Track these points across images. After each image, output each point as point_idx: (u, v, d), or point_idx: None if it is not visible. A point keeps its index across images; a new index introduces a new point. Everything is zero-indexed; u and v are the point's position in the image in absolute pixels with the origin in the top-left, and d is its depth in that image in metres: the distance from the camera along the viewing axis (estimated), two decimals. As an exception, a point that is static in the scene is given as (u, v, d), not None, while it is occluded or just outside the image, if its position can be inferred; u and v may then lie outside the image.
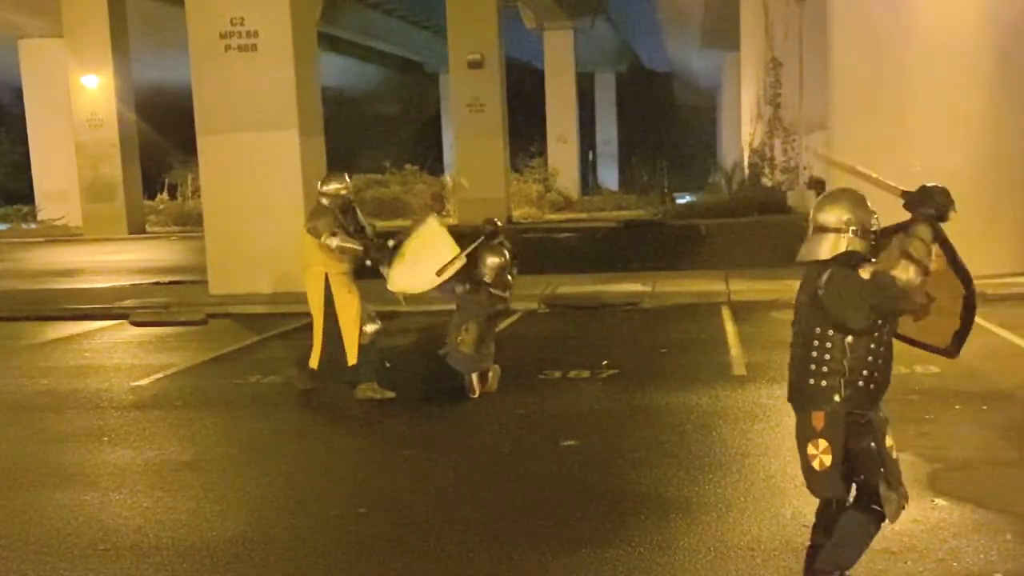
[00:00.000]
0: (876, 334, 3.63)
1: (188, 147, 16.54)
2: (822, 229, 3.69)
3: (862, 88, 12.11)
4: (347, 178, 7.57)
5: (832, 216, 3.68)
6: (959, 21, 11.65)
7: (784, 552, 4.23)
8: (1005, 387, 6.91)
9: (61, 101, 28.55)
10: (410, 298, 7.46)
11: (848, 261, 3.61)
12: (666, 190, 33.34)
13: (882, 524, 3.73)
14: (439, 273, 6.98)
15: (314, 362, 7.39)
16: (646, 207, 31.25)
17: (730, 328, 9.84)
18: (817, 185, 23.88)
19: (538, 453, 5.89)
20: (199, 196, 19.71)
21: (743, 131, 34.01)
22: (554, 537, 4.51)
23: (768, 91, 28.77)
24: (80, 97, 27.72)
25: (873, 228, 3.67)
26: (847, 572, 3.77)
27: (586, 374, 7.96)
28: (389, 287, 7.24)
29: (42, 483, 5.71)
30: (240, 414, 7.23)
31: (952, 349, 3.99)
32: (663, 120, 54.03)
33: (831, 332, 3.61)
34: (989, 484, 5.09)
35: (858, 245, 3.62)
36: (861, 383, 3.64)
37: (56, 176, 30.62)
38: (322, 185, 7.45)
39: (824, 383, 3.64)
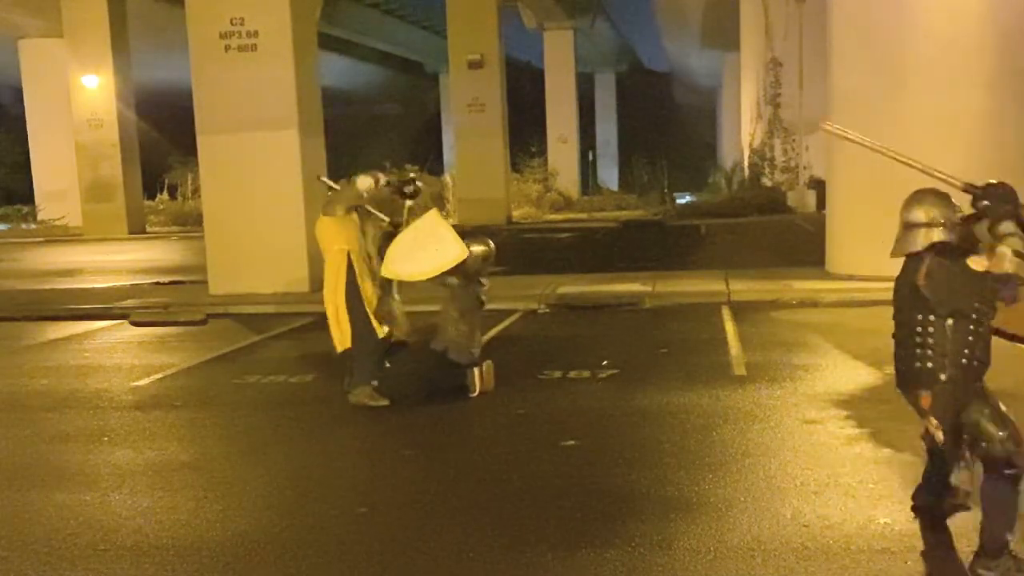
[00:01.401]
0: (975, 316, 4.01)
1: (188, 147, 16.55)
2: (913, 225, 4.01)
3: (862, 88, 12.10)
4: (380, 176, 7.64)
5: (921, 213, 4.02)
6: (959, 21, 11.64)
7: (784, 552, 4.23)
8: (1005, 387, 6.89)
9: (61, 101, 28.59)
10: (402, 286, 7.36)
11: (943, 251, 3.92)
12: (666, 190, 33.36)
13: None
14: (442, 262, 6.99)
15: (349, 340, 7.13)
16: (646, 207, 31.28)
17: (730, 328, 9.84)
18: (817, 185, 23.95)
19: (538, 453, 5.89)
20: (199, 196, 19.73)
21: (743, 131, 34.01)
22: (554, 537, 4.51)
23: (768, 91, 28.77)
24: (80, 97, 27.75)
25: (957, 221, 3.98)
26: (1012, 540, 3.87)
27: (586, 374, 7.96)
28: (383, 273, 7.14)
29: (42, 483, 5.70)
30: (240, 414, 7.23)
31: None
32: (663, 120, 54.08)
33: (932, 318, 3.96)
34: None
35: (948, 236, 3.95)
36: (964, 361, 4.02)
37: (56, 176, 30.66)
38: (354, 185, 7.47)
39: (929, 365, 4.00)
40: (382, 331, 7.11)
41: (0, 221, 33.01)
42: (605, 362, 8.31)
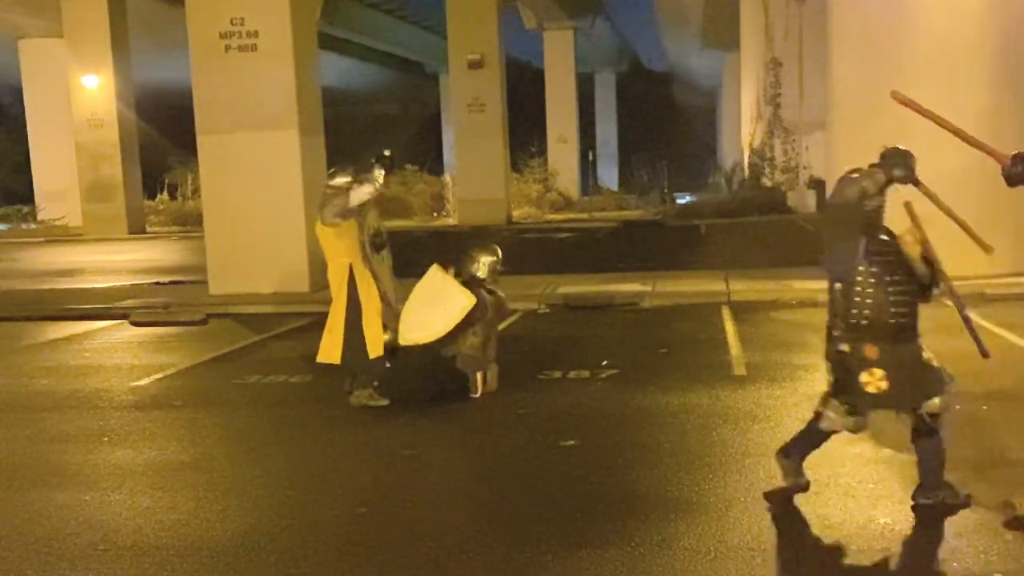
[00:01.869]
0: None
1: (188, 147, 16.56)
2: None
3: (862, 88, 12.10)
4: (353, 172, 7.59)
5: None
6: (959, 21, 11.65)
7: (784, 552, 4.23)
8: (1005, 387, 6.91)
9: (61, 101, 28.60)
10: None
11: None
12: (666, 190, 33.37)
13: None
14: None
15: (337, 356, 7.23)
16: (646, 207, 31.28)
17: (730, 328, 9.84)
18: (817, 185, 23.95)
19: (538, 453, 5.89)
20: (199, 196, 19.74)
21: (743, 131, 34.02)
22: (554, 537, 4.51)
23: (768, 91, 28.78)
24: (80, 97, 27.75)
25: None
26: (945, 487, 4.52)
27: (586, 374, 7.96)
28: (400, 342, 7.22)
29: (42, 483, 5.70)
30: (240, 414, 7.23)
31: None
32: (663, 120, 54.08)
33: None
34: (989, 484, 5.09)
35: None
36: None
37: (56, 176, 30.67)
38: (330, 179, 7.53)
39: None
40: (380, 347, 7.17)
41: (0, 221, 33.01)
42: (605, 362, 8.31)
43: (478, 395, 7.19)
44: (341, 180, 7.45)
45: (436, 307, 7.14)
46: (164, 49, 30.05)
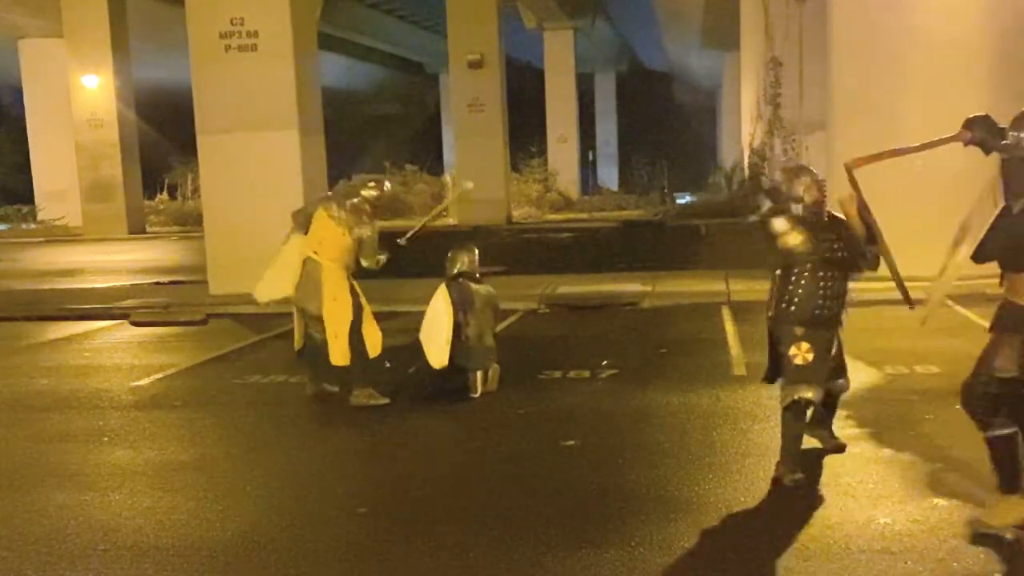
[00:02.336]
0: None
1: (188, 147, 16.56)
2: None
3: (862, 88, 12.11)
4: (387, 185, 7.64)
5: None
6: (959, 21, 11.65)
7: (784, 552, 4.23)
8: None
9: (61, 101, 28.60)
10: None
11: None
12: (666, 190, 33.37)
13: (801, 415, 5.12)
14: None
15: (345, 358, 7.14)
16: (646, 207, 31.30)
17: (730, 328, 9.84)
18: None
19: (538, 453, 5.89)
20: (199, 196, 19.74)
21: (743, 131, 34.00)
22: (554, 537, 4.51)
23: (768, 91, 28.75)
24: (80, 97, 27.75)
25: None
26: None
27: (586, 374, 7.96)
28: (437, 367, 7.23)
29: (42, 483, 5.70)
30: (240, 414, 7.23)
31: None
32: (663, 120, 54.04)
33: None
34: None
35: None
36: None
37: (56, 176, 30.67)
38: (360, 187, 7.43)
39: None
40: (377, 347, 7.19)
41: (0, 221, 33.01)
42: (605, 362, 8.31)
43: (478, 395, 7.19)
44: (370, 193, 7.35)
45: (434, 327, 7.19)
46: (164, 49, 30.05)
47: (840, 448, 5.54)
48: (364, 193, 7.32)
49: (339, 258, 7.20)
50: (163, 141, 32.15)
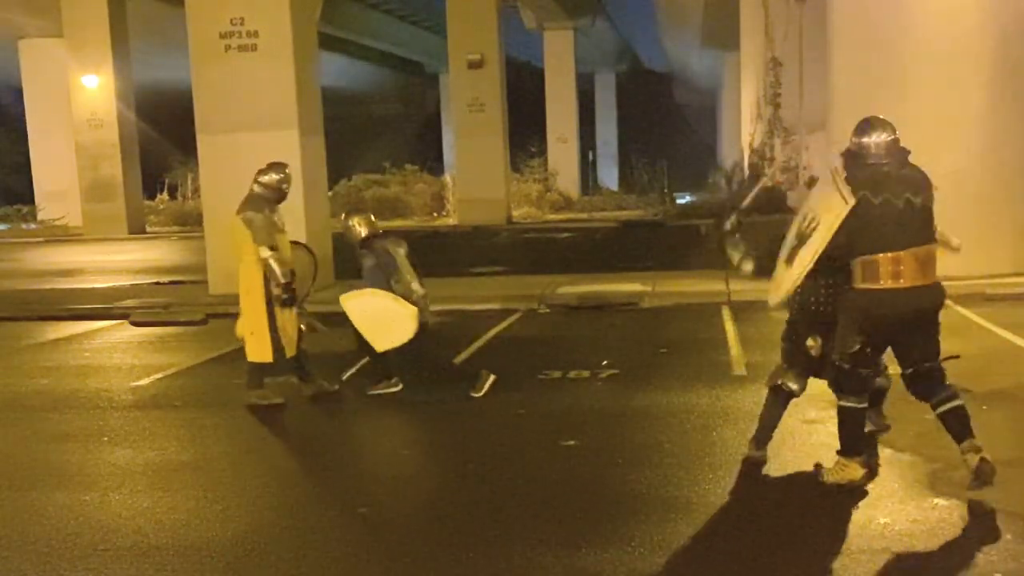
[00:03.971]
0: None
1: (188, 147, 16.55)
2: None
3: (861, 88, 12.09)
4: (287, 170, 7.52)
5: None
6: (959, 21, 11.64)
7: (784, 552, 4.23)
8: (1005, 387, 6.91)
9: (61, 101, 28.57)
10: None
11: None
12: (666, 190, 33.36)
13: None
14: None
15: (268, 354, 7.21)
16: (646, 207, 31.28)
17: (730, 328, 9.84)
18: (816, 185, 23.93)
19: (538, 453, 5.89)
20: (199, 196, 19.73)
21: (743, 131, 34.00)
22: (554, 537, 4.51)
23: (768, 91, 28.75)
24: (80, 97, 27.74)
25: None
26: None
27: (586, 374, 7.96)
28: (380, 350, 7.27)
29: (42, 483, 5.70)
30: (240, 414, 7.23)
31: None
32: (663, 120, 54.05)
33: None
34: (989, 485, 5.09)
35: None
36: None
37: (56, 176, 30.65)
38: (261, 175, 7.38)
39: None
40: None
41: (0, 221, 33.01)
42: (605, 362, 8.31)
43: (481, 395, 7.16)
44: (273, 177, 7.36)
45: (390, 321, 7.17)
46: (164, 49, 30.03)
47: (885, 428, 5.76)
48: (262, 179, 7.34)
49: (252, 253, 7.19)
50: (163, 141, 32.13)
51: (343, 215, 7.79)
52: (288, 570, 4.29)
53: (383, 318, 7.17)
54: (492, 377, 7.30)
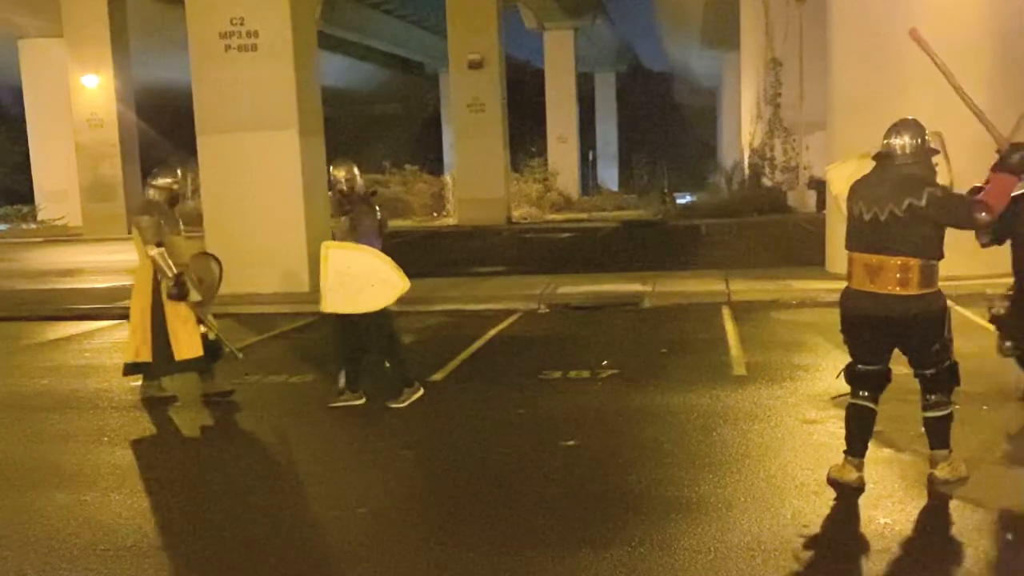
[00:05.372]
0: None
1: (188, 147, 16.55)
2: None
3: (862, 88, 12.10)
4: (179, 172, 7.71)
5: None
6: (959, 21, 11.64)
7: (784, 552, 4.23)
8: (1005, 387, 6.91)
9: (61, 101, 28.58)
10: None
11: None
12: (666, 190, 33.38)
13: None
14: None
15: (147, 354, 7.35)
16: (646, 207, 31.30)
17: (730, 328, 9.84)
18: (817, 185, 23.95)
19: (538, 453, 5.89)
20: (199, 196, 19.75)
21: (743, 131, 34.02)
22: (554, 537, 4.51)
23: (768, 91, 28.77)
24: (80, 97, 27.74)
25: None
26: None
27: (586, 374, 7.95)
28: (324, 310, 7.10)
29: (42, 483, 5.70)
30: (240, 414, 7.23)
31: None
32: (663, 120, 54.11)
33: None
34: (989, 484, 5.09)
35: None
36: None
37: (56, 176, 30.66)
38: (153, 179, 7.53)
39: None
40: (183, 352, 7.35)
41: (0, 221, 33.01)
42: (605, 362, 8.31)
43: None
44: (165, 180, 7.48)
45: (369, 286, 6.86)
46: (164, 49, 30.03)
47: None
48: (155, 183, 7.48)
49: (146, 256, 7.32)
50: (163, 141, 32.12)
51: (334, 166, 7.34)
52: (288, 570, 4.29)
53: (365, 279, 6.82)
54: (420, 392, 7.14)
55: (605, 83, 51.57)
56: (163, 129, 31.75)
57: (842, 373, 5.10)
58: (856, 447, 4.95)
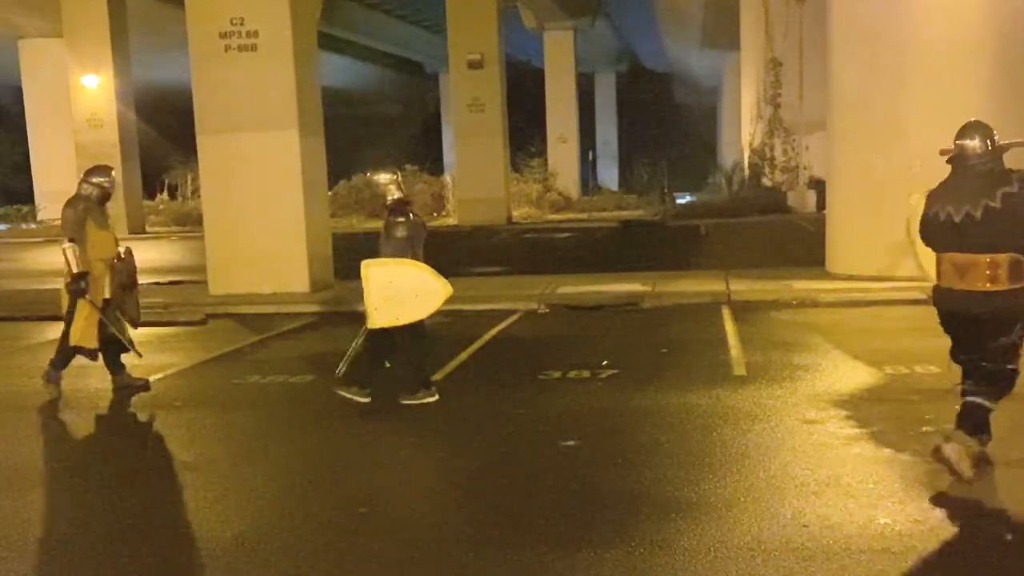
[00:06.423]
0: None
1: (188, 147, 16.55)
2: None
3: (861, 88, 12.10)
4: (111, 174, 7.94)
5: None
6: (959, 21, 11.64)
7: (784, 552, 4.23)
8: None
9: (61, 101, 28.60)
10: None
11: None
12: (666, 190, 33.38)
13: None
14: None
15: (93, 340, 7.65)
16: (646, 207, 31.31)
17: (730, 328, 9.84)
18: (817, 185, 23.95)
19: (538, 453, 5.89)
20: (199, 196, 19.74)
21: (743, 131, 34.02)
22: (554, 537, 4.51)
23: (768, 91, 28.78)
24: (80, 97, 27.75)
25: None
26: None
27: (586, 374, 7.96)
28: (371, 326, 6.96)
29: (42, 483, 5.70)
30: (240, 414, 7.23)
31: None
32: (663, 120, 54.11)
33: None
34: (989, 484, 5.09)
35: None
36: None
37: (56, 176, 30.65)
38: (88, 176, 7.81)
39: None
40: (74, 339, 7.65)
41: (0, 221, 33.02)
42: (605, 362, 8.31)
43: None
44: (97, 179, 7.76)
45: (413, 296, 6.84)
46: (164, 49, 30.04)
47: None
48: (89, 179, 7.78)
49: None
50: (163, 141, 32.15)
51: (369, 173, 7.46)
52: (288, 570, 4.29)
53: (409, 291, 6.79)
54: (435, 398, 7.09)
55: (605, 83, 51.59)
56: (163, 129, 31.77)
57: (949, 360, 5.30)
58: (976, 427, 5.17)
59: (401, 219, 6.99)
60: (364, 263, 6.92)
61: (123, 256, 7.82)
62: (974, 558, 4.16)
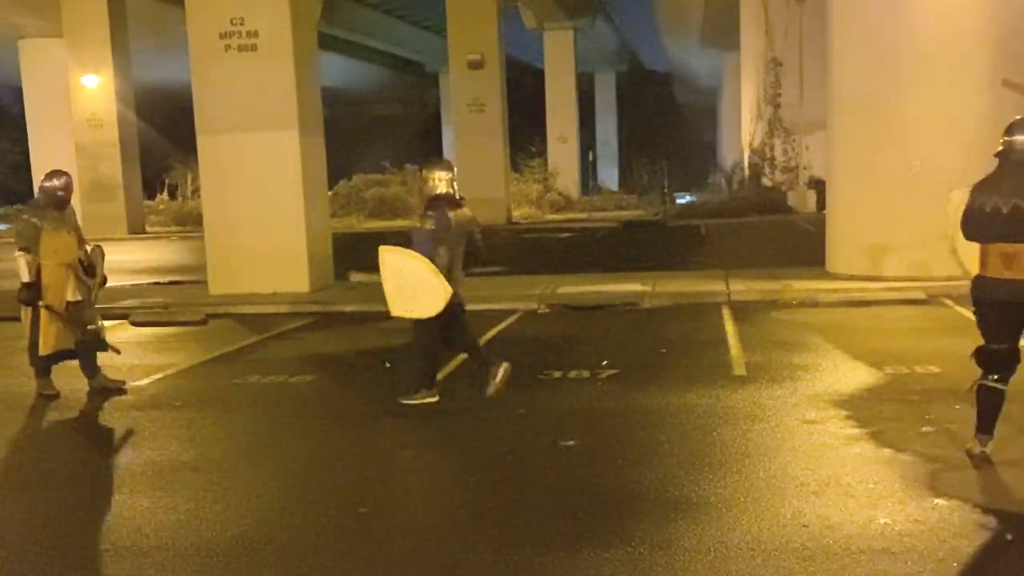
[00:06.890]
0: None
1: (188, 147, 16.56)
2: None
3: (862, 88, 12.10)
4: (65, 178, 7.90)
5: None
6: (959, 21, 11.65)
7: (784, 552, 4.23)
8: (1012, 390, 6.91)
9: (61, 101, 28.59)
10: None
11: None
12: (666, 190, 33.41)
13: None
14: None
15: (66, 341, 7.78)
16: (646, 207, 31.34)
17: (730, 328, 9.84)
18: (817, 185, 23.95)
19: (538, 453, 5.89)
20: (199, 196, 19.75)
21: (743, 131, 34.03)
22: (554, 537, 4.51)
23: (768, 91, 28.80)
24: (80, 97, 27.76)
25: None
26: None
27: (586, 374, 7.96)
28: (394, 314, 7.08)
29: (42, 483, 5.70)
30: (240, 414, 7.23)
31: None
32: (663, 120, 54.14)
33: None
34: (989, 484, 5.09)
35: None
36: None
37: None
38: (44, 181, 7.83)
39: None
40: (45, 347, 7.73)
41: (0, 221, 33.02)
42: (605, 362, 8.31)
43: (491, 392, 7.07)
44: (53, 183, 7.76)
45: (420, 292, 6.86)
46: (164, 49, 30.05)
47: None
48: (43, 185, 7.82)
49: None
50: (163, 141, 32.16)
51: (423, 166, 7.33)
52: (288, 570, 4.29)
53: (414, 285, 6.83)
54: (435, 400, 7.06)
55: (605, 83, 51.63)
56: (163, 129, 31.78)
57: (973, 357, 5.33)
58: (986, 425, 5.29)
59: (431, 213, 7.01)
60: (381, 248, 7.02)
61: (89, 253, 7.85)
62: (974, 558, 4.16)
